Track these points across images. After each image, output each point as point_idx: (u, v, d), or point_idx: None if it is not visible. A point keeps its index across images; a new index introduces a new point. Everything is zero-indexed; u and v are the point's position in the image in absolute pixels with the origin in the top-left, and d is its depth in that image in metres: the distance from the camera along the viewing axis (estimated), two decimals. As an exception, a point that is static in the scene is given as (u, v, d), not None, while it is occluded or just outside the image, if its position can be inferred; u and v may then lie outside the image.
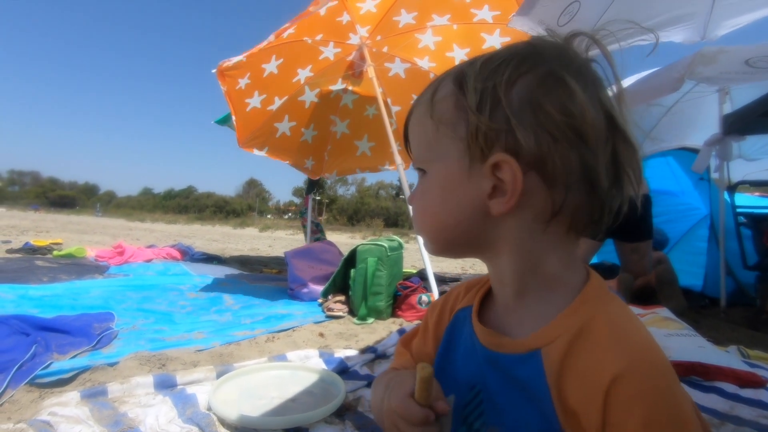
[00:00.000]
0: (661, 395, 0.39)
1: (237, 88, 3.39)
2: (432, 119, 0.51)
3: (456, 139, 0.49)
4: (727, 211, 3.34)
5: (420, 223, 0.54)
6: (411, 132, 0.56)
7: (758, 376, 1.69)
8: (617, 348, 0.41)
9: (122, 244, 4.95)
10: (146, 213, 43.56)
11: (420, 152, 0.54)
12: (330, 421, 1.27)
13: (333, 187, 53.17)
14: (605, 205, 0.47)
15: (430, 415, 0.46)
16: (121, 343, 1.89)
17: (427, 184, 0.52)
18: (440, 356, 0.59)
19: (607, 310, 0.45)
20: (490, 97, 0.46)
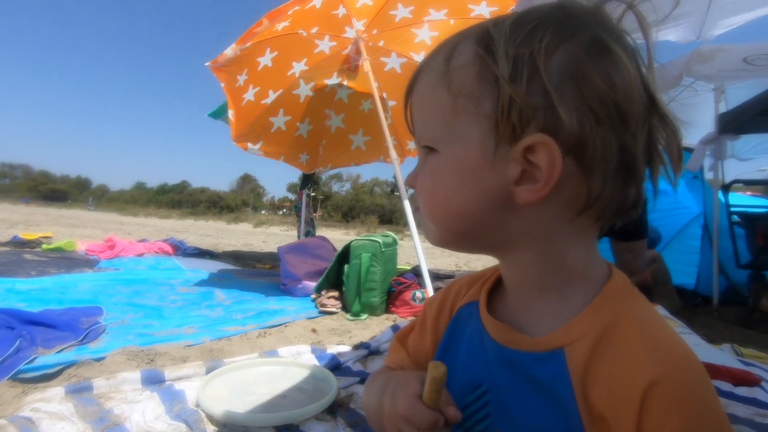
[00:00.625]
0: (700, 403, 0.37)
1: (237, 85, 3.35)
2: (449, 90, 0.43)
3: (480, 116, 0.41)
4: (720, 210, 3.35)
5: (427, 210, 0.47)
6: (418, 103, 0.48)
7: (752, 374, 1.68)
8: (652, 352, 0.38)
9: (113, 238, 4.89)
10: (139, 207, 43.24)
11: (430, 129, 0.46)
12: (321, 418, 1.25)
13: (328, 183, 53.06)
14: (640, 194, 0.43)
15: (440, 419, 0.42)
16: (110, 337, 1.85)
17: (439, 166, 0.45)
18: (440, 354, 0.55)
19: (634, 308, 0.42)
20: (527, 65, 0.39)
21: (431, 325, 0.58)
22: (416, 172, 0.49)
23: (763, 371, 1.83)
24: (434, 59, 0.46)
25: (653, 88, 0.41)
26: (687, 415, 0.35)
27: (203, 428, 1.15)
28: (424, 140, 0.47)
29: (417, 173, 0.49)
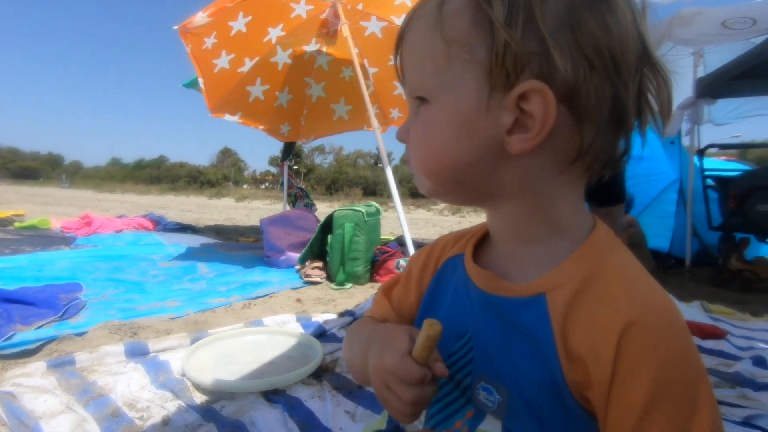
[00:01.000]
0: (677, 346, 0.37)
1: (203, 48, 3.17)
2: (442, 37, 0.41)
3: (474, 64, 0.40)
4: (696, 174, 3.43)
5: (421, 162, 0.46)
6: (408, 53, 0.46)
7: (719, 328, 1.77)
8: (630, 294, 0.39)
9: (90, 215, 4.76)
10: (116, 184, 42.02)
11: (422, 78, 0.44)
12: (308, 382, 1.27)
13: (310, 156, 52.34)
14: (629, 145, 0.43)
15: (428, 375, 0.42)
16: (90, 313, 1.83)
17: (432, 117, 0.44)
18: (424, 306, 0.55)
19: (617, 257, 0.42)
20: (522, 10, 0.37)
21: (416, 277, 0.58)
22: (407, 125, 0.48)
23: (730, 325, 1.93)
24: (426, 5, 0.44)
25: (647, 37, 0.40)
26: (662, 356, 0.36)
27: (189, 396, 1.16)
28: (416, 91, 0.45)
29: (408, 126, 0.47)
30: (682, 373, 0.36)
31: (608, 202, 3.03)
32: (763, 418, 1.09)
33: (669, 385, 0.35)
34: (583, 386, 0.39)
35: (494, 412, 0.44)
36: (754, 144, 7.11)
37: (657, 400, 0.35)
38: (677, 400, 0.35)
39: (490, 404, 0.44)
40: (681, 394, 0.36)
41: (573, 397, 0.39)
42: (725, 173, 3.27)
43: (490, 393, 0.44)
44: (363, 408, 1.12)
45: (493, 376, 0.44)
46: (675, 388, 0.36)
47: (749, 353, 1.54)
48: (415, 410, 0.44)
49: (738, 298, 2.51)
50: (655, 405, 0.35)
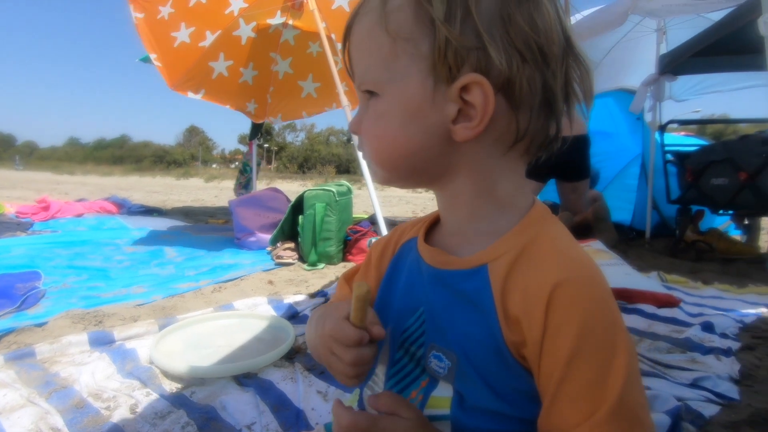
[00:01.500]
0: (598, 302, 0.41)
1: (159, 17, 2.98)
2: (387, 33, 0.44)
3: (418, 57, 0.43)
4: (657, 149, 3.55)
5: (374, 152, 0.49)
6: (356, 48, 0.48)
7: (673, 297, 1.88)
8: (559, 261, 0.43)
9: (47, 199, 4.52)
10: (76, 165, 40.00)
11: (370, 72, 0.47)
12: (280, 364, 1.27)
13: (281, 134, 51.14)
14: (559, 128, 0.48)
15: (365, 336, 0.46)
16: (50, 302, 1.76)
17: (382, 109, 0.47)
18: (382, 288, 0.58)
19: (550, 230, 0.47)
20: (459, 7, 0.41)
21: (375, 262, 0.62)
22: (359, 117, 0.50)
23: (683, 293, 2.05)
24: (370, 1, 0.46)
25: (569, 31, 0.45)
26: (585, 310, 0.40)
27: (158, 384, 1.14)
28: (365, 84, 0.48)
29: (360, 118, 0.50)
30: (601, 326, 0.41)
31: (573, 177, 3.13)
32: (709, 379, 1.17)
33: (590, 336, 0.40)
34: (520, 345, 0.43)
35: (445, 377, 0.48)
36: (713, 120, 7.43)
37: (580, 349, 0.39)
38: (598, 348, 0.40)
39: (441, 370, 0.48)
40: (601, 344, 0.40)
41: (512, 356, 0.43)
42: (684, 148, 3.40)
43: (440, 360, 0.48)
44: (335, 387, 1.13)
45: (443, 343, 0.48)
46: (595, 338, 0.40)
47: (699, 319, 1.65)
48: (356, 371, 0.48)
49: (692, 268, 2.65)
50: (579, 354, 0.39)
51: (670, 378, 1.20)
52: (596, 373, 0.39)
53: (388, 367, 0.54)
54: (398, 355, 0.53)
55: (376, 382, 0.56)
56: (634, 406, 0.40)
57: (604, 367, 0.39)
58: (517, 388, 0.44)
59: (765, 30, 1.86)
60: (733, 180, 2.63)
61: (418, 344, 0.51)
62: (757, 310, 1.81)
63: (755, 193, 2.46)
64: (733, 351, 1.36)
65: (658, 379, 1.19)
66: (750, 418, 0.99)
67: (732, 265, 2.75)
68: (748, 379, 1.21)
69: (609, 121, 4.47)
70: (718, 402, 1.07)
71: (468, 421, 0.46)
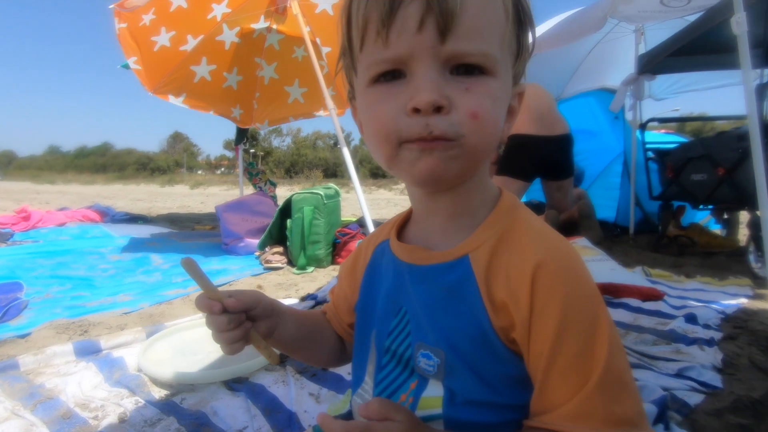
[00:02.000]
0: (577, 278, 0.43)
1: (140, 24, 2.95)
2: (505, 11, 0.42)
3: (511, 54, 0.45)
4: (638, 147, 3.62)
5: (485, 135, 0.42)
6: (477, 8, 0.40)
7: (657, 290, 1.92)
8: (536, 242, 0.44)
9: (27, 209, 4.42)
10: (56, 174, 39.12)
11: (490, 46, 0.41)
12: (270, 368, 1.27)
13: (267, 138, 50.79)
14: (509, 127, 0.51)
15: (215, 305, 0.50)
16: (33, 313, 1.72)
17: (497, 92, 0.42)
18: (362, 293, 0.58)
19: (522, 216, 0.48)
20: (530, 21, 0.46)
21: (348, 272, 0.63)
22: (447, 87, 0.40)
23: (667, 287, 2.09)
24: None
25: None
26: (567, 286, 0.42)
27: (147, 391, 1.13)
28: (481, 57, 0.41)
29: (450, 89, 0.40)
30: (583, 299, 0.42)
31: (558, 176, 3.17)
32: (693, 369, 1.20)
33: (574, 311, 0.41)
34: (509, 329, 0.44)
35: (435, 375, 0.47)
36: (691, 117, 7.60)
37: (566, 324, 0.41)
38: (582, 321, 0.41)
39: (431, 368, 0.47)
40: (584, 316, 0.41)
41: (501, 342, 0.44)
42: (664, 146, 3.48)
43: (429, 358, 0.48)
44: (327, 389, 1.13)
45: (430, 341, 0.48)
46: (579, 312, 0.41)
47: (683, 311, 1.68)
48: (218, 337, 0.52)
49: (675, 262, 2.71)
50: (566, 328, 0.41)
51: (655, 369, 1.23)
52: (583, 345, 0.40)
53: (376, 373, 0.53)
54: (385, 359, 0.52)
55: (366, 390, 0.55)
56: (620, 372, 0.41)
57: (590, 337, 0.40)
58: (507, 374, 0.45)
59: (737, 29, 1.92)
60: (711, 175, 2.70)
61: (405, 345, 0.50)
62: (738, 301, 1.86)
63: (733, 187, 2.52)
64: (716, 341, 1.40)
65: (645, 371, 1.21)
66: (733, 405, 1.02)
67: (713, 258, 2.82)
68: (731, 367, 1.24)
69: (591, 120, 4.55)
70: (702, 390, 1.10)
71: (461, 416, 0.46)
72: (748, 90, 1.97)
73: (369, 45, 0.42)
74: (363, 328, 0.57)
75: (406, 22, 0.39)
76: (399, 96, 0.41)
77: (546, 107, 3.09)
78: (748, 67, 1.93)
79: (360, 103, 0.47)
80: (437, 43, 0.39)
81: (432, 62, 0.40)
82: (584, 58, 4.64)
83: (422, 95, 0.39)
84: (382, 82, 0.43)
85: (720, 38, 2.09)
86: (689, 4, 2.95)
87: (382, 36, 0.40)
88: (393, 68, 0.42)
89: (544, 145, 2.99)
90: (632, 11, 3.09)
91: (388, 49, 0.40)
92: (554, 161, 3.07)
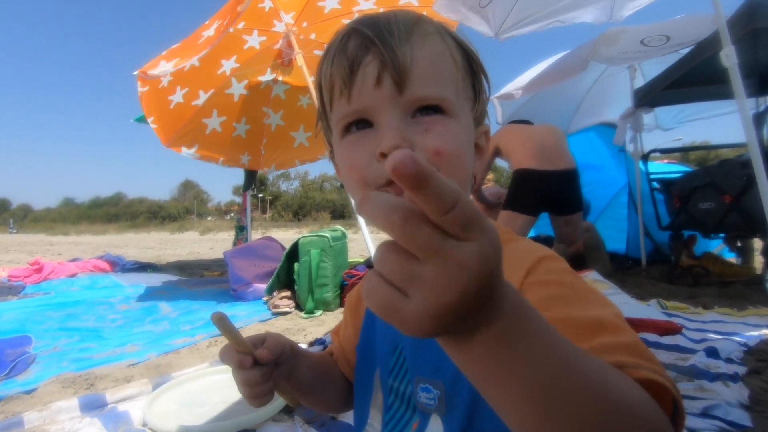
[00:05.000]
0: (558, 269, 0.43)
1: (160, 87, 3.15)
2: (455, 63, 0.46)
3: (467, 97, 0.48)
4: (642, 178, 3.63)
5: (453, 167, 0.45)
6: (427, 61, 0.44)
7: (674, 324, 1.86)
8: (527, 250, 0.46)
9: (39, 261, 4.48)
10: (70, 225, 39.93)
11: (444, 92, 0.45)
12: (278, 419, 1.23)
13: (276, 183, 51.76)
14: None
15: (246, 359, 0.49)
16: (40, 367, 1.71)
17: (456, 130, 0.45)
18: (363, 335, 0.59)
19: (513, 238, 0.50)
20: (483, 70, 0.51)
21: (351, 313, 0.64)
22: (408, 131, 0.44)
23: (685, 320, 2.03)
24: (422, 26, 0.46)
25: None
26: (551, 276, 0.42)
27: (152, 447, 1.09)
28: (434, 101, 0.45)
29: (411, 133, 0.44)
30: (572, 282, 0.42)
31: (565, 211, 3.17)
32: (719, 407, 1.15)
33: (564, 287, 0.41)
34: None
35: (436, 408, 0.46)
36: (693, 147, 7.66)
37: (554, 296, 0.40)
38: (572, 296, 0.40)
39: (431, 402, 0.46)
40: (576, 293, 0.40)
41: None
42: (668, 175, 3.48)
43: (428, 391, 0.47)
44: (336, 439, 1.09)
45: (428, 374, 0.47)
46: (570, 288, 0.41)
47: (702, 345, 1.62)
48: (249, 392, 0.50)
49: (690, 293, 2.64)
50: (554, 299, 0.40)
51: (679, 408, 1.17)
52: (589, 314, 0.38)
53: (383, 414, 0.53)
54: (390, 399, 0.52)
55: (374, 430, 0.55)
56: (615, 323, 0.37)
57: (596, 309, 0.39)
58: None
59: (727, 62, 1.98)
60: (718, 203, 2.68)
61: (406, 382, 0.50)
62: (760, 332, 1.79)
63: (741, 214, 2.50)
64: (740, 376, 1.34)
65: (667, 410, 1.16)
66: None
67: (730, 287, 2.74)
68: (759, 404, 1.18)
69: (594, 154, 4.60)
70: (730, 430, 1.04)
71: None
72: (746, 119, 1.99)
73: (336, 103, 0.47)
74: (364, 368, 0.57)
75: (365, 80, 0.44)
76: (369, 144, 0.44)
77: (551, 143, 3.13)
78: (742, 97, 1.96)
79: (337, 157, 0.50)
80: (395, 94, 0.43)
81: (393, 110, 0.44)
82: (585, 95, 4.77)
83: (386, 141, 0.43)
84: (354, 132, 0.46)
85: (713, 70, 2.14)
86: (668, 42, 3.07)
87: (345, 94, 0.45)
88: (359, 118, 0.45)
89: (548, 180, 3.01)
90: (613, 53, 3.23)
91: (351, 104, 0.45)
92: (559, 195, 3.08)
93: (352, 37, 0.45)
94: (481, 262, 0.24)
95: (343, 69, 0.44)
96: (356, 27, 0.45)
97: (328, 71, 0.47)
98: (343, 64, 0.44)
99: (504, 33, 3.12)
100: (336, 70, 0.45)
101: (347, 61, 0.44)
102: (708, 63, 2.37)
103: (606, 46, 3.05)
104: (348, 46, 0.45)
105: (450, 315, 0.25)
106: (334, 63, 0.46)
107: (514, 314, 0.27)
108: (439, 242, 0.23)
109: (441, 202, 0.23)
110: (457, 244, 0.24)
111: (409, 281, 0.25)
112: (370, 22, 0.45)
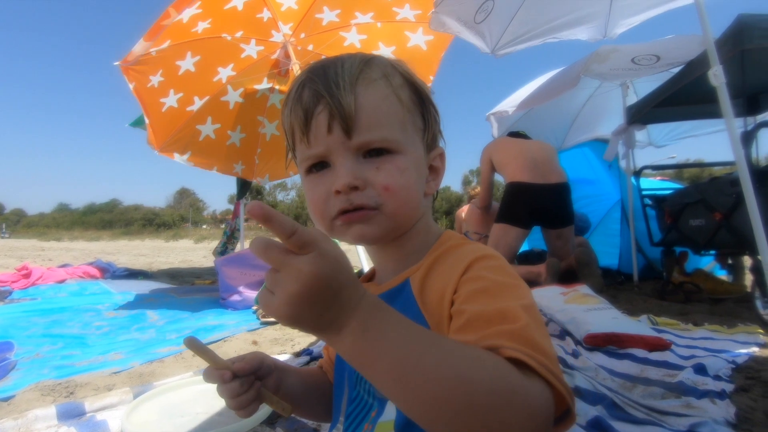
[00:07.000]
0: (494, 265, 0.49)
1: (149, 86, 3.13)
2: (401, 103, 0.53)
3: (416, 128, 0.55)
4: (634, 194, 3.66)
5: (399, 202, 0.52)
6: (370, 108, 0.51)
7: (663, 340, 1.85)
8: (469, 251, 0.51)
9: (27, 266, 4.43)
10: (63, 231, 39.59)
11: (390, 133, 0.51)
12: (260, 430, 1.21)
13: (272, 192, 51.73)
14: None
15: (225, 374, 0.54)
16: (20, 374, 1.68)
17: (404, 165, 0.52)
18: None
19: (459, 241, 0.55)
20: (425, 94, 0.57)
21: None
22: (360, 170, 0.51)
23: (674, 336, 2.02)
24: (373, 72, 0.53)
25: None
26: (484, 271, 0.47)
27: (128, 458, 1.07)
28: (380, 143, 0.51)
29: (361, 173, 0.50)
30: (497, 279, 0.47)
31: (556, 224, 3.18)
32: (705, 425, 1.13)
33: (495, 280, 0.46)
34: (445, 327, 0.48)
35: None
36: (685, 164, 7.73)
37: (486, 289, 0.45)
38: (502, 289, 0.45)
39: None
40: (505, 287, 0.46)
41: None
42: (660, 192, 3.51)
43: None
44: (317, 452, 1.07)
45: None
46: (501, 282, 0.46)
47: (691, 362, 1.61)
48: (233, 404, 0.56)
49: (681, 309, 2.64)
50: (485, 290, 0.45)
51: (666, 425, 1.16)
52: (497, 306, 0.43)
53: (347, 407, 0.57)
54: (355, 392, 0.57)
55: (340, 429, 0.58)
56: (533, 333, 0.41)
57: (506, 302, 0.43)
58: None
59: (715, 81, 2.01)
60: (709, 220, 2.69)
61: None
62: (749, 350, 1.79)
63: (731, 232, 2.51)
64: (728, 393, 1.33)
65: (654, 427, 1.15)
66: (749, 464, 0.95)
67: (721, 305, 2.74)
68: (745, 422, 1.17)
69: (588, 169, 4.64)
70: (716, 449, 1.03)
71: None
72: (734, 137, 2.02)
73: (299, 146, 0.54)
74: (339, 371, 0.62)
75: (318, 127, 0.51)
76: (326, 182, 0.52)
77: (542, 157, 3.19)
78: (730, 116, 1.99)
79: (303, 190, 0.58)
80: (345, 140, 0.50)
81: (345, 153, 0.51)
82: (579, 111, 4.83)
83: (340, 180, 0.50)
84: (314, 172, 0.54)
85: (702, 89, 2.17)
86: (658, 62, 3.14)
87: (304, 140, 0.52)
88: (318, 161, 0.53)
89: (540, 193, 3.06)
90: (604, 69, 3.29)
91: (310, 149, 0.52)
92: (550, 209, 3.11)
93: (306, 88, 0.52)
94: (314, 265, 0.35)
95: (299, 118, 0.52)
96: (309, 77, 0.52)
97: (288, 119, 0.54)
98: (299, 114, 0.52)
99: (500, 49, 3.17)
100: (294, 119, 0.53)
101: (302, 111, 0.52)
102: (697, 82, 2.40)
103: (598, 63, 3.11)
104: (302, 97, 0.52)
105: (300, 305, 0.36)
106: (292, 112, 0.53)
107: (373, 311, 0.38)
108: (285, 257, 0.36)
109: (283, 230, 0.35)
110: (296, 257, 0.36)
111: (273, 285, 0.37)
112: (320, 73, 0.52)
